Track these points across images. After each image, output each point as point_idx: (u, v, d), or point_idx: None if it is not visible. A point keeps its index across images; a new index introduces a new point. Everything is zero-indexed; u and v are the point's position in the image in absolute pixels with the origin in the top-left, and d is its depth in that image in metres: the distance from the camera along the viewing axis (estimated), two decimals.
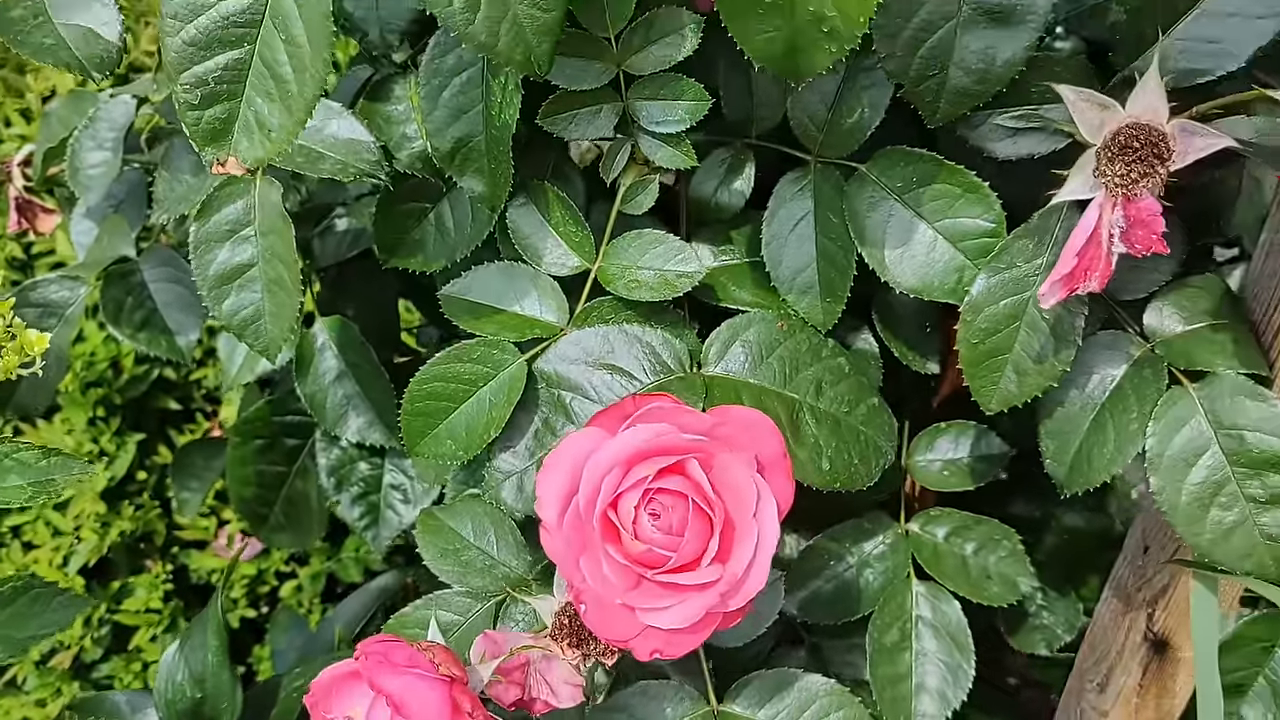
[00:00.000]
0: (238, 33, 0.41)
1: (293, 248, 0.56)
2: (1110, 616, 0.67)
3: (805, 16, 0.40)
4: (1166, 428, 0.50)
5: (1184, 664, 0.64)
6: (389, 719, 0.38)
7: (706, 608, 0.40)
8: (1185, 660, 0.64)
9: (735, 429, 0.42)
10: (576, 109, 0.52)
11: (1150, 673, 0.65)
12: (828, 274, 0.56)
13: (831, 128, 0.56)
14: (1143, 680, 0.66)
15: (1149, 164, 0.40)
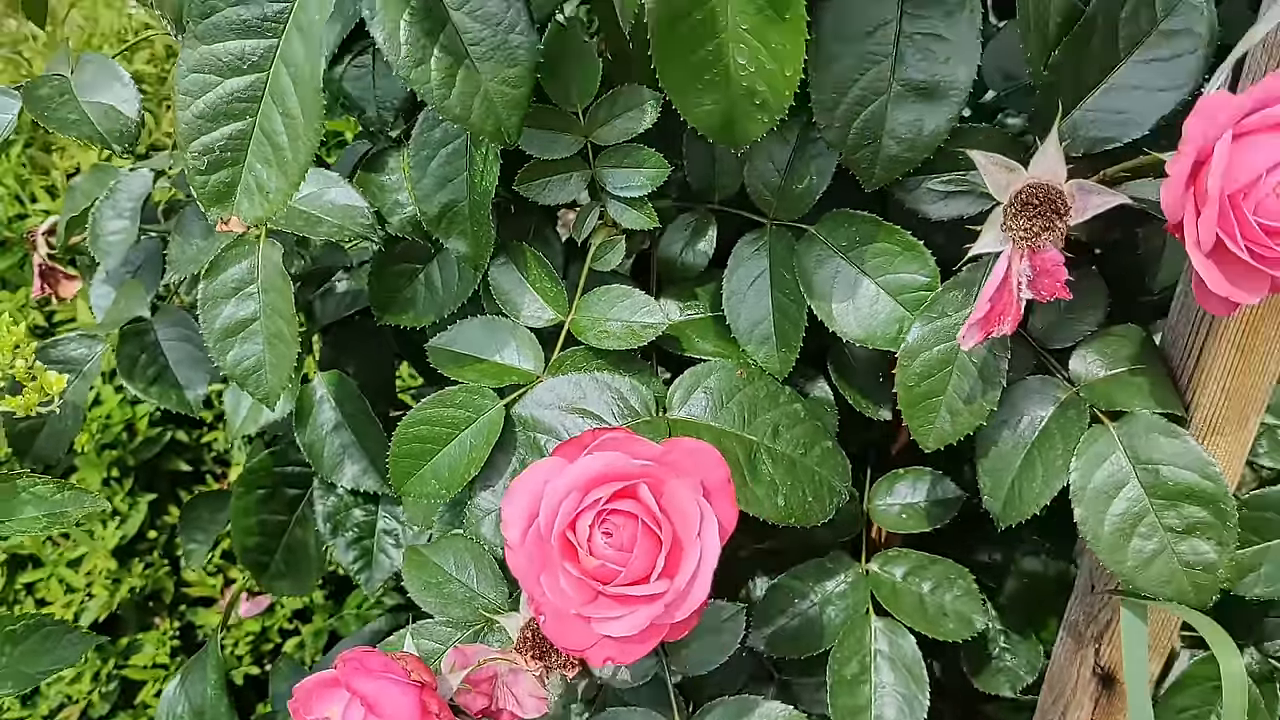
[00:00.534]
0: (241, 106, 0.46)
1: (291, 304, 0.60)
2: (1064, 655, 0.70)
3: (739, 91, 0.45)
4: (1088, 463, 0.54)
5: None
6: (363, 718, 0.42)
7: (653, 618, 0.44)
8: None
9: (682, 457, 0.46)
10: (549, 176, 0.57)
11: (1100, 706, 0.68)
12: (782, 326, 0.60)
13: (784, 193, 0.61)
14: (1094, 714, 0.69)
15: (1048, 219, 0.45)
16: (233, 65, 0.46)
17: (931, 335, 0.55)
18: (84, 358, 0.76)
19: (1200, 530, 0.52)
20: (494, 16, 0.46)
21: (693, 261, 0.64)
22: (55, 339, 0.76)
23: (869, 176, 0.54)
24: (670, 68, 0.44)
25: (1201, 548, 0.53)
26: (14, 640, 0.70)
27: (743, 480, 0.58)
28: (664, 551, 0.44)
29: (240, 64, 0.46)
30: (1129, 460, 0.53)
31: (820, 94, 0.53)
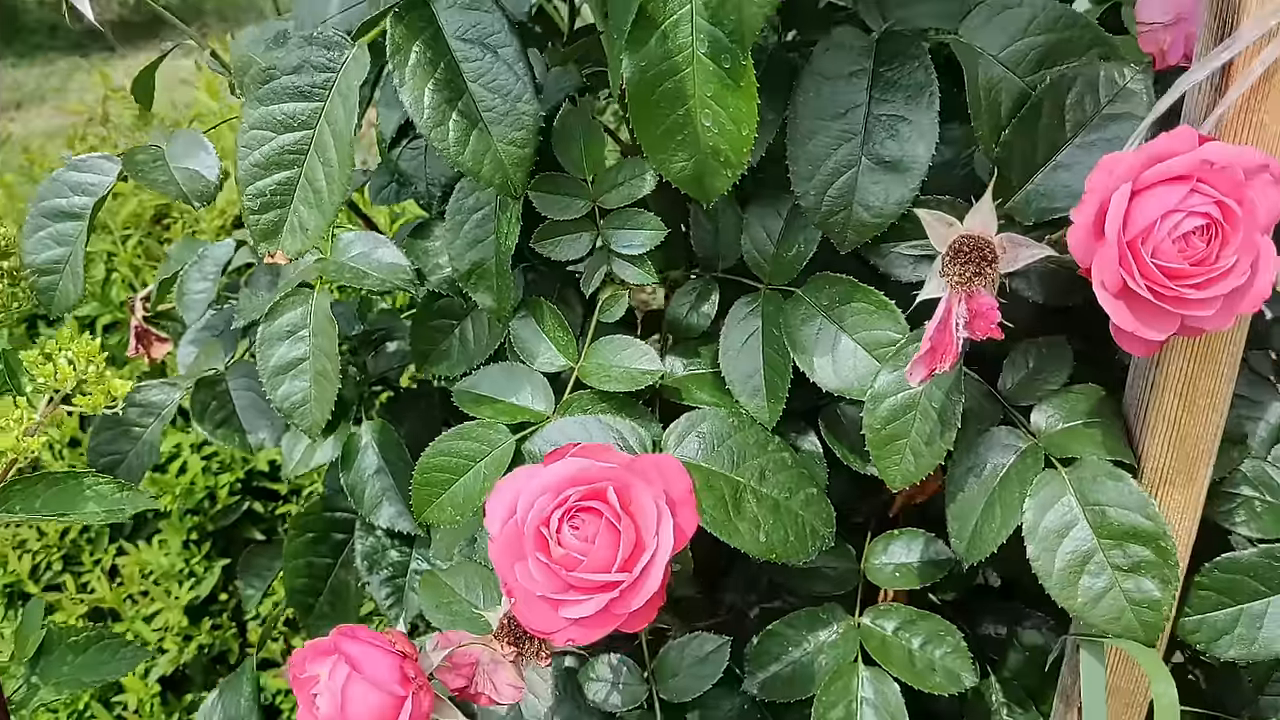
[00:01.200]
0: (290, 158, 0.55)
1: (335, 347, 0.68)
2: (1056, 718, 0.72)
3: (707, 149, 0.51)
4: (1041, 504, 0.57)
5: None
6: (346, 675, 0.47)
7: (609, 603, 0.48)
8: None
9: (648, 467, 0.51)
10: (562, 235, 0.64)
11: None
12: (772, 379, 0.66)
13: (777, 260, 0.67)
14: None
15: (979, 265, 0.50)
16: (286, 123, 0.54)
17: (896, 382, 0.59)
18: (162, 403, 0.84)
19: (1145, 569, 0.55)
20: (505, 88, 0.54)
21: (696, 323, 0.70)
22: (140, 385, 0.85)
23: (842, 240, 0.60)
24: (647, 130, 0.51)
25: (1146, 585, 0.55)
26: (76, 650, 0.77)
27: (727, 516, 0.63)
28: (623, 546, 0.49)
29: (292, 122, 0.54)
30: (1078, 502, 0.57)
31: (797, 166, 0.60)
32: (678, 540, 0.50)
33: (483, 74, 0.54)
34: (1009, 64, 0.58)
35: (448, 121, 0.54)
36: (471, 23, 0.54)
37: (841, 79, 0.59)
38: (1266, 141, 0.48)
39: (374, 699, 0.48)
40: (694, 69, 0.49)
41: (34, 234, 0.70)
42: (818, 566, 0.75)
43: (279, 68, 0.54)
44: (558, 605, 0.49)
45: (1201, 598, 0.66)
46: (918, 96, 0.58)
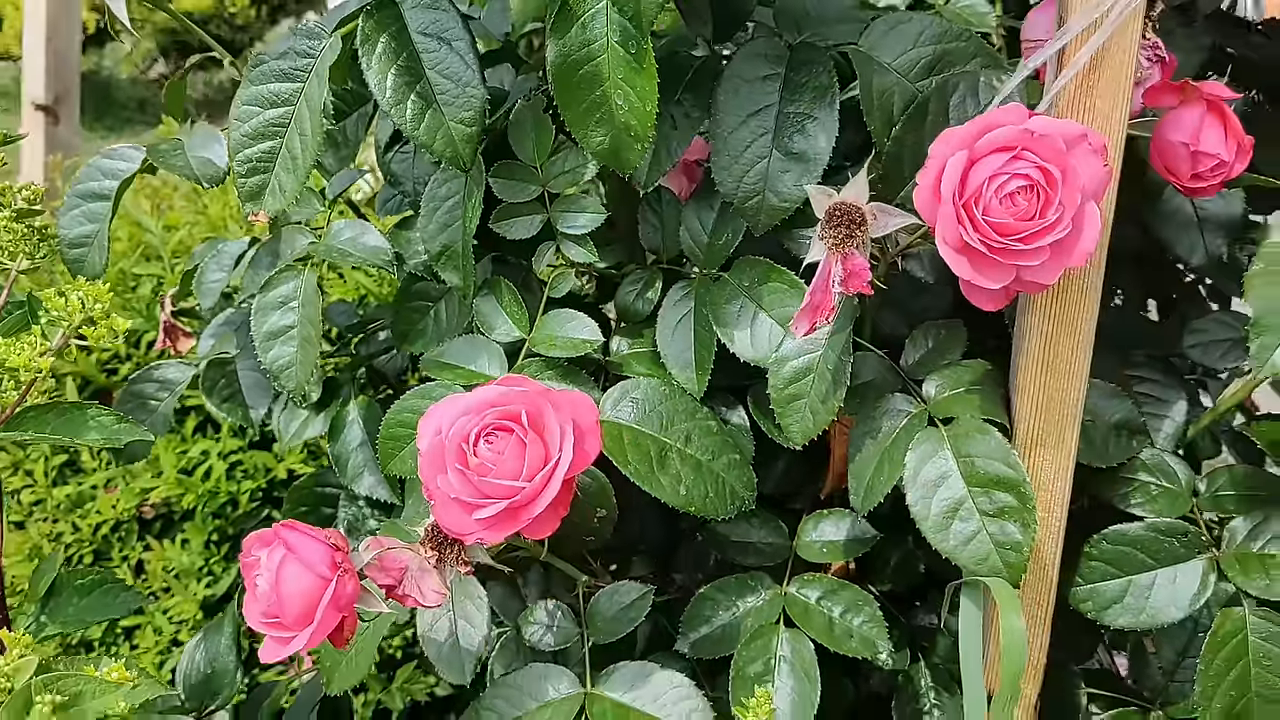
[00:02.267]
0: (274, 130, 0.64)
1: (319, 317, 0.76)
2: None
3: (620, 125, 0.59)
4: (920, 457, 0.63)
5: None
6: (282, 557, 0.55)
7: (513, 506, 0.55)
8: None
9: (560, 399, 0.58)
10: (516, 216, 0.72)
11: None
12: (700, 354, 0.73)
13: (709, 249, 0.74)
14: None
15: (849, 229, 0.57)
16: (271, 100, 0.63)
17: (797, 349, 0.66)
18: (177, 380, 0.93)
19: (1008, 514, 0.61)
20: (457, 75, 0.63)
21: (641, 308, 0.78)
22: (158, 363, 0.94)
23: (756, 224, 0.68)
24: (570, 109, 0.59)
25: (1009, 528, 0.61)
26: (82, 592, 0.84)
27: (651, 470, 0.69)
28: (529, 460, 0.56)
29: (276, 99, 0.63)
30: (953, 455, 0.63)
31: (719, 158, 0.68)
32: (579, 459, 0.57)
33: (439, 63, 0.63)
34: (901, 71, 0.65)
35: (406, 101, 0.63)
36: (432, 20, 0.63)
37: (758, 81, 0.67)
38: (1099, 120, 0.55)
39: (305, 579, 0.55)
40: (608, 55, 0.58)
41: (69, 212, 0.80)
42: (753, 542, 0.81)
43: (269, 54, 0.63)
44: (471, 509, 0.56)
45: (1091, 568, 0.71)
46: (822, 97, 0.66)
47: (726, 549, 0.81)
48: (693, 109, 0.69)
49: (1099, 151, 0.53)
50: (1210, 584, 0.68)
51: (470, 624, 0.70)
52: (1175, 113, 0.62)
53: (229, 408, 0.91)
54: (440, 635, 0.70)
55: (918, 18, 0.66)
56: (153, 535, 1.42)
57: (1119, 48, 0.53)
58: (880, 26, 0.66)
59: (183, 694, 0.81)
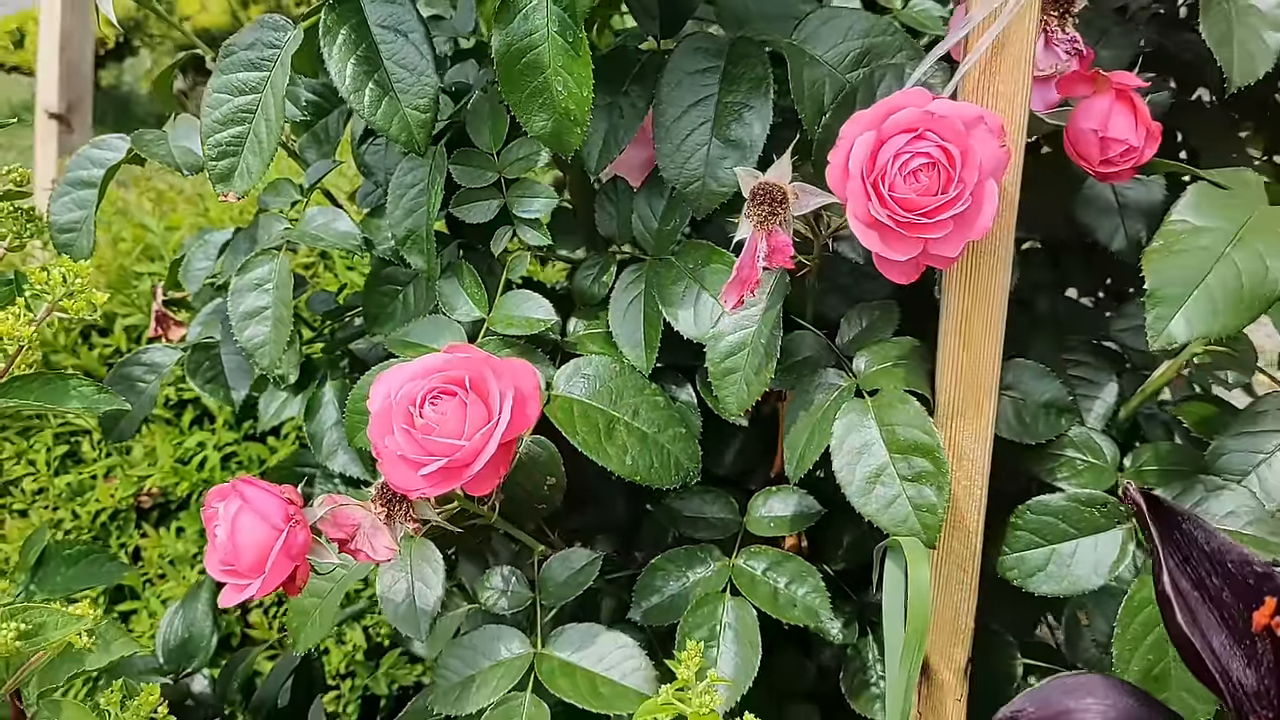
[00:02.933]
0: (243, 116, 0.68)
1: (291, 297, 0.80)
2: None
3: (561, 110, 0.63)
4: (847, 426, 0.66)
5: (945, 687, 0.75)
6: (238, 507, 0.58)
7: (452, 464, 0.59)
8: (946, 683, 0.75)
9: (502, 365, 0.62)
10: (474, 201, 0.76)
11: (923, 699, 0.77)
12: (649, 333, 0.76)
13: (659, 235, 0.78)
14: (920, 708, 0.77)
15: (773, 207, 0.61)
16: (240, 88, 0.68)
17: (733, 325, 0.70)
18: (164, 363, 0.97)
19: (924, 478, 0.64)
20: (413, 65, 0.67)
21: (597, 292, 0.81)
22: (146, 347, 0.98)
23: (698, 207, 0.72)
24: (514, 95, 0.63)
25: (926, 492, 0.64)
26: (69, 563, 0.88)
27: (598, 441, 0.73)
28: (470, 420, 0.60)
29: (245, 87, 0.67)
30: (877, 424, 0.66)
31: (662, 146, 0.71)
32: (517, 421, 0.61)
33: (396, 53, 0.67)
34: (831, 63, 0.69)
35: (364, 89, 0.67)
36: (390, 13, 0.67)
37: (698, 73, 0.71)
38: (1001, 104, 0.59)
39: (259, 529, 0.58)
40: (549, 44, 0.62)
41: (60, 199, 0.84)
42: (705, 517, 0.84)
43: (237, 44, 0.68)
44: (416, 466, 0.60)
45: (1016, 538, 0.74)
46: (757, 88, 0.70)
47: (680, 523, 0.85)
48: (639, 100, 0.73)
49: (996, 132, 0.56)
50: (1129, 552, 0.71)
51: (426, 585, 0.73)
52: (1087, 101, 0.66)
53: (212, 389, 0.95)
54: (398, 596, 0.73)
55: (848, 13, 0.69)
56: (149, 523, 1.46)
57: (1017, 36, 0.57)
58: (813, 21, 0.70)
59: (161, 657, 0.85)
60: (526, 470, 0.73)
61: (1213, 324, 0.58)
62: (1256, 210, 0.61)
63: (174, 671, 0.85)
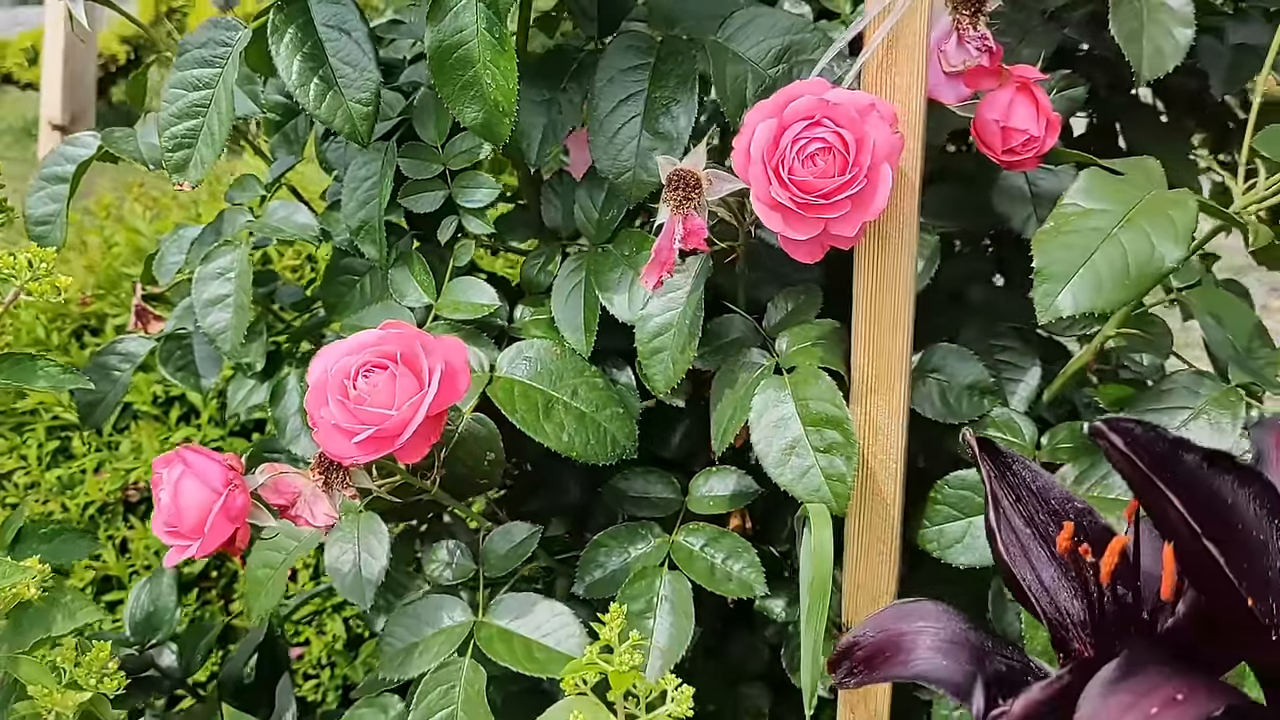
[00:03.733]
0: (197, 110, 0.72)
1: (251, 285, 0.84)
2: None
3: (491, 102, 0.67)
4: (765, 401, 0.70)
5: None
6: (181, 472, 0.62)
7: (383, 433, 0.62)
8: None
9: (434, 344, 0.66)
10: (421, 192, 0.80)
11: None
12: (588, 318, 0.80)
13: (599, 225, 0.81)
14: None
15: (688, 192, 0.64)
16: (194, 84, 0.71)
17: (660, 307, 0.73)
18: (138, 352, 1.01)
19: (835, 449, 0.67)
20: (355, 61, 0.71)
21: (542, 280, 0.85)
22: (121, 337, 1.02)
23: (630, 196, 0.75)
24: (446, 88, 0.67)
25: (837, 462, 0.67)
26: (44, 540, 0.92)
27: (537, 419, 0.76)
28: (399, 392, 0.63)
29: (199, 83, 0.71)
30: (793, 399, 0.69)
31: (596, 138, 0.75)
32: (445, 393, 0.64)
33: (340, 50, 0.71)
34: (753, 59, 0.72)
35: (310, 84, 0.70)
36: (334, 13, 0.71)
37: (630, 70, 0.74)
38: (898, 94, 0.62)
39: (199, 493, 0.62)
40: (478, 39, 0.65)
41: (36, 193, 0.88)
42: (649, 496, 0.87)
43: (192, 43, 0.71)
44: (349, 435, 0.63)
45: (936, 511, 0.77)
46: (684, 83, 0.73)
47: (625, 503, 0.88)
48: (576, 96, 0.77)
49: (889, 119, 0.60)
50: None
51: (372, 556, 0.77)
52: (993, 94, 0.69)
53: (182, 376, 0.99)
54: (345, 566, 0.77)
55: (769, 12, 0.73)
56: (136, 516, 1.50)
57: (910, 31, 0.60)
58: (737, 20, 0.74)
59: (128, 629, 0.89)
60: (467, 446, 0.77)
61: (1097, 300, 0.61)
62: (1147, 194, 0.64)
63: (140, 643, 0.89)
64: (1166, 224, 0.62)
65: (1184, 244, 0.61)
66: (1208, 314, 0.80)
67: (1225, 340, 0.78)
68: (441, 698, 0.74)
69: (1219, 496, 0.35)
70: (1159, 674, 0.32)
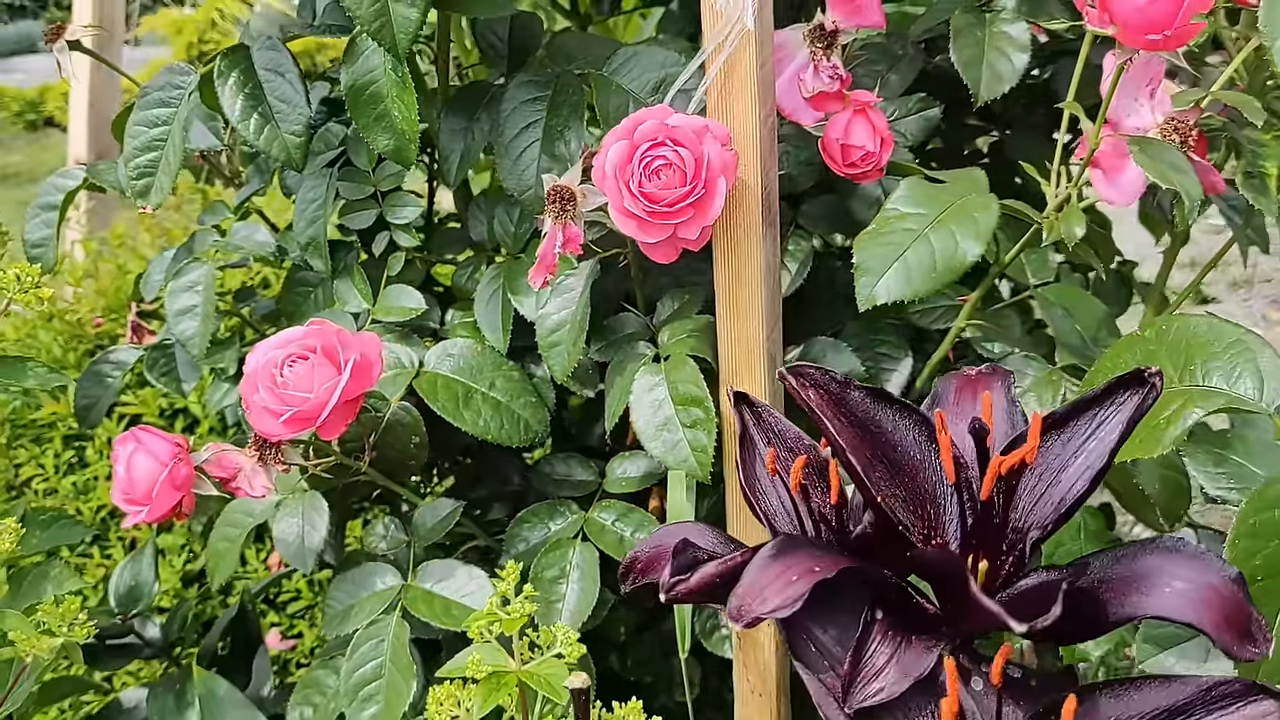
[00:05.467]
0: (158, 144, 0.83)
1: (215, 296, 0.95)
2: None
3: (399, 131, 0.77)
4: (644, 386, 0.79)
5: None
6: (134, 448, 0.72)
7: (303, 413, 0.72)
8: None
9: (351, 339, 0.76)
10: (357, 211, 0.91)
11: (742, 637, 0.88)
12: (504, 318, 0.90)
13: (514, 236, 0.92)
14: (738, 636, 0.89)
15: (565, 205, 0.74)
16: (154, 121, 0.82)
17: (557, 306, 0.83)
18: (127, 361, 1.12)
19: (699, 424, 0.77)
20: (290, 99, 0.81)
21: (470, 288, 0.95)
22: (112, 349, 1.13)
23: (532, 210, 0.85)
24: (361, 119, 0.77)
25: (700, 435, 0.77)
26: (43, 526, 1.03)
27: (457, 407, 0.86)
28: (318, 377, 0.73)
29: (158, 120, 0.82)
30: (667, 383, 0.79)
31: (502, 161, 0.85)
32: (357, 380, 0.74)
33: (276, 90, 0.81)
34: (635, 90, 0.83)
35: (251, 118, 0.81)
36: (271, 59, 0.82)
37: (530, 101, 0.85)
38: (736, 117, 0.71)
39: (149, 465, 0.72)
40: (386, 78, 0.76)
41: (32, 220, 1.00)
42: (571, 478, 0.97)
43: (151, 87, 0.83)
44: (276, 415, 0.74)
45: None
46: (575, 112, 0.83)
47: (549, 485, 0.97)
48: (486, 124, 0.87)
49: (723, 139, 0.69)
50: None
51: (314, 529, 0.87)
52: (836, 116, 0.79)
53: (166, 381, 1.09)
54: (291, 537, 0.87)
55: (650, 50, 0.83)
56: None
57: (741, 63, 0.70)
58: (621, 56, 0.84)
59: (113, 601, 0.99)
60: (395, 432, 0.87)
61: (906, 290, 0.70)
62: (958, 199, 0.74)
63: (123, 613, 0.99)
64: (971, 225, 0.72)
65: (984, 241, 0.71)
66: (1059, 307, 0.89)
67: (1073, 330, 0.87)
68: (372, 650, 0.83)
69: (878, 424, 0.44)
70: (807, 554, 0.41)
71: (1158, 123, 0.69)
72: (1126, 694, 0.38)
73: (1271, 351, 0.57)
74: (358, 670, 0.83)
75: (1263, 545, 0.53)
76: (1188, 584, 0.39)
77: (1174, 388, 0.58)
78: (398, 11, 0.71)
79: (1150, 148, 0.63)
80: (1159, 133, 0.69)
